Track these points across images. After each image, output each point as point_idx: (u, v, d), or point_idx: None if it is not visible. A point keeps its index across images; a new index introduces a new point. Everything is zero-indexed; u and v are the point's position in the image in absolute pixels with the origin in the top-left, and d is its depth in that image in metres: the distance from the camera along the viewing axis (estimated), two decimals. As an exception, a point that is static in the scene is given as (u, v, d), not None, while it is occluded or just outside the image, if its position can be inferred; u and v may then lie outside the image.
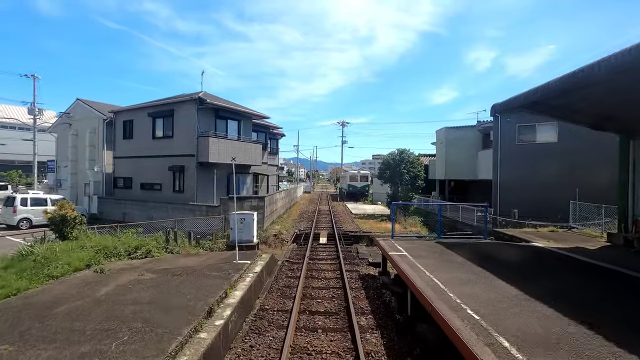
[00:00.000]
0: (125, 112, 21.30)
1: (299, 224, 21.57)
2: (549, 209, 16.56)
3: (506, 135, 18.71)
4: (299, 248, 14.20)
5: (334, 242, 15.30)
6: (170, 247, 9.99)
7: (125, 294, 5.87)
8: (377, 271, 10.71)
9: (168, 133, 19.13)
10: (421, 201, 27.76)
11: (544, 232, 12.87)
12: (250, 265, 8.47)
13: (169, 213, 17.79)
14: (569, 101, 8.01)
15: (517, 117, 18.43)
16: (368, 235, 17.45)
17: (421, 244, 9.68)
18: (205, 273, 7.39)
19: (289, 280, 9.46)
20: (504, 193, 18.57)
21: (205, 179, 18.37)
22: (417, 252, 8.46)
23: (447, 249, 8.81)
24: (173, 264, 8.16)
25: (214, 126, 18.84)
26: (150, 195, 19.66)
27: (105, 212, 21.28)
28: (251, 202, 16.96)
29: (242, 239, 12.15)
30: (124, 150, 21.46)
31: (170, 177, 18.98)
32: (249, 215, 12.25)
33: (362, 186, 42.84)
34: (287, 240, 16.36)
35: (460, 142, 25.77)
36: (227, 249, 11.90)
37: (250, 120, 21.76)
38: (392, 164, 25.49)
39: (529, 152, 18.15)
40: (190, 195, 17.98)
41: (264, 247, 13.51)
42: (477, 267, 6.99)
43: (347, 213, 28.07)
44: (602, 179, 15.63)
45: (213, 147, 17.68)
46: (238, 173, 20.52)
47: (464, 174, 25.66)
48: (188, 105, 18.17)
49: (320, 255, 12.93)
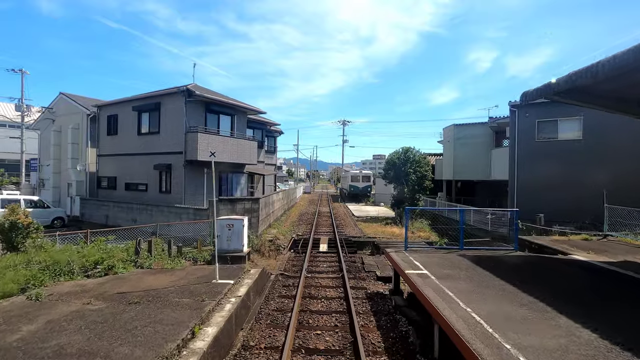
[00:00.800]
0: (110, 107, 19.69)
1: (297, 227, 19.96)
2: (574, 212, 14.93)
3: (524, 132, 17.06)
4: (297, 257, 12.58)
5: (335, 250, 13.68)
6: (140, 260, 8.36)
7: (49, 339, 4.24)
8: (387, 288, 9.10)
9: (154, 129, 17.51)
10: (427, 203, 26.12)
11: (576, 240, 11.23)
12: (234, 286, 6.84)
13: (154, 216, 16.20)
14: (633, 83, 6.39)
15: (537, 112, 16.80)
16: (373, 242, 15.85)
17: (441, 257, 8.06)
18: (173, 300, 5.76)
19: (282, 302, 7.83)
20: (522, 195, 16.92)
21: (195, 179, 16.76)
22: (440, 269, 6.84)
23: (476, 265, 7.19)
24: (136, 286, 6.53)
25: (204, 121, 17.22)
26: (135, 197, 18.05)
27: (88, 215, 19.68)
28: (244, 204, 15.33)
29: (230, 248, 10.54)
30: (108, 148, 19.85)
31: (156, 177, 17.37)
32: (238, 220, 10.63)
33: (364, 187, 41.19)
34: (283, 247, 14.76)
35: (470, 140, 24.12)
36: (212, 260, 10.29)
37: (245, 115, 20.13)
38: (397, 163, 23.86)
39: (550, 150, 16.50)
40: (178, 197, 16.37)
41: (256, 256, 11.89)
42: (524, 295, 5.36)
43: (349, 215, 26.45)
44: (637, 179, 14.02)
45: (203, 144, 16.05)
46: (231, 173, 18.92)
47: (473, 174, 24.01)
48: (175, 98, 16.55)
49: (320, 266, 11.30)
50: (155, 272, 7.75)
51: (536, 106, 16.86)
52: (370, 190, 42.35)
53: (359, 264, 11.63)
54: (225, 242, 10.56)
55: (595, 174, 15.02)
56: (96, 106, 20.27)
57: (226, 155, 17.41)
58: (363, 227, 20.08)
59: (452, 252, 8.56)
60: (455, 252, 8.61)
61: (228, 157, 17.55)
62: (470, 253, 8.50)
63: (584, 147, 15.68)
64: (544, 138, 16.77)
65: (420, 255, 8.13)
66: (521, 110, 17.10)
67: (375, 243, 15.62)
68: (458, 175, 24.89)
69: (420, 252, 8.82)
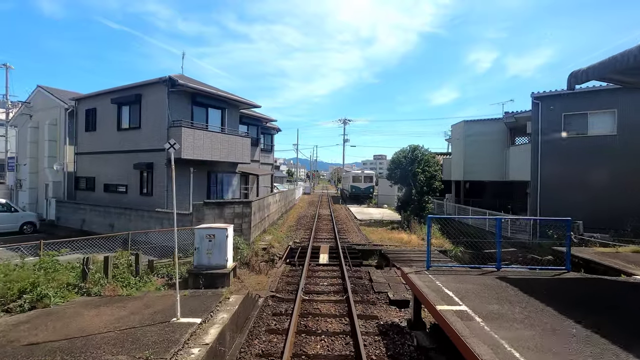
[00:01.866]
0: (88, 100, 17.86)
1: (295, 233, 18.14)
2: (609, 218, 13.08)
3: (548, 127, 15.21)
4: (292, 272, 10.73)
5: (337, 261, 11.87)
6: (87, 285, 6.51)
7: None
8: (403, 316, 7.27)
9: (135, 124, 15.68)
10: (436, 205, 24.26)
11: (627, 253, 9.41)
12: (201, 326, 5.00)
13: (132, 221, 14.40)
14: None
15: (563, 104, 14.97)
16: (380, 251, 14.02)
17: (477, 281, 6.21)
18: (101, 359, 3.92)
19: (269, 341, 5.99)
20: (547, 198, 15.08)
21: (180, 179, 14.90)
22: (483, 303, 5.01)
23: (528, 296, 5.35)
24: (63, 329, 4.70)
25: (191, 115, 15.39)
26: (114, 199, 16.22)
27: (64, 219, 17.86)
28: (234, 208, 13.50)
29: (211, 263, 8.73)
30: (87, 145, 18.03)
31: (137, 178, 15.53)
32: (220, 230, 8.80)
33: (366, 187, 39.32)
34: (279, 256, 12.96)
35: (482, 138, 22.24)
36: (190, 278, 8.47)
37: (237, 109, 18.31)
38: (404, 162, 22.01)
39: (579, 147, 14.66)
40: (160, 200, 14.53)
41: (244, 272, 10.04)
42: (622, 352, 3.54)
43: (351, 219, 24.62)
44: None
45: (188, 140, 14.23)
46: (221, 173, 17.10)
47: (486, 174, 22.16)
48: (157, 88, 14.71)
49: (320, 284, 9.45)
50: (102, 302, 5.90)
51: (562, 98, 15.05)
52: (373, 191, 40.49)
53: (366, 280, 9.79)
54: (205, 256, 8.75)
55: (634, 173, 13.20)
56: (74, 99, 18.45)
57: (215, 153, 15.59)
58: (367, 233, 18.24)
59: (487, 274, 6.71)
60: (491, 273, 6.77)
61: (217, 155, 15.73)
62: (512, 274, 6.66)
63: (619, 143, 13.85)
64: (572, 133, 14.92)
65: (449, 278, 6.29)
66: (545, 102, 15.26)
67: (382, 252, 13.80)
68: (469, 176, 23.03)
69: (446, 271, 6.97)
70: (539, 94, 15.27)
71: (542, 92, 15.24)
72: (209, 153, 15.31)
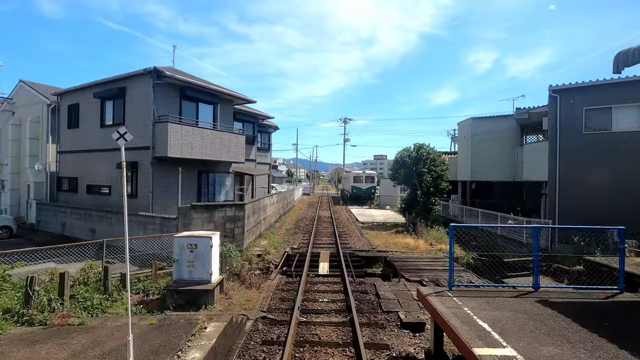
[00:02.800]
0: (71, 94, 16.63)
1: (293, 237, 16.92)
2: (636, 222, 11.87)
3: (568, 123, 13.99)
4: (288, 285, 9.48)
5: (339, 271, 10.66)
6: (31, 311, 5.28)
7: None
8: (418, 344, 6.05)
9: (119, 119, 14.45)
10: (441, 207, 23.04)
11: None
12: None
13: (114, 226, 13.20)
14: None
15: (584, 98, 13.75)
16: (385, 258, 12.82)
17: (514, 306, 4.98)
18: None
19: (255, 384, 4.78)
20: (566, 200, 13.86)
21: (166, 180, 13.71)
22: (533, 341, 3.80)
23: (588, 332, 4.12)
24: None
25: (179, 110, 14.18)
26: (98, 202, 15.00)
27: (44, 222, 16.65)
28: (225, 211, 12.28)
29: (193, 277, 7.51)
30: (69, 144, 16.80)
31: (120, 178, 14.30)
32: (203, 239, 7.58)
33: (367, 188, 38.06)
34: (274, 264, 11.77)
35: (491, 136, 21.01)
36: (168, 296, 7.25)
37: (231, 104, 17.08)
38: (408, 161, 20.78)
39: (602, 145, 13.44)
40: (145, 202, 13.32)
41: (233, 285, 8.81)
42: None
43: (352, 221, 23.40)
44: None
45: (175, 137, 13.02)
46: (214, 172, 15.89)
47: (495, 174, 20.94)
48: (142, 81, 13.49)
49: (319, 300, 8.22)
50: (43, 336, 4.67)
51: (583, 90, 13.85)
52: (374, 192, 39.25)
53: (372, 295, 8.57)
54: (186, 270, 7.53)
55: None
56: (56, 94, 17.22)
57: (206, 152, 14.38)
58: (370, 237, 17.03)
59: (525, 295, 5.48)
60: (529, 294, 5.53)
61: (209, 154, 14.51)
62: (555, 296, 5.43)
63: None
64: (594, 130, 13.70)
65: (480, 303, 5.06)
66: (564, 95, 14.04)
67: (387, 259, 12.59)
68: (476, 176, 21.80)
69: (473, 292, 5.73)
70: (558, 86, 14.05)
71: (560, 85, 14.03)
72: (199, 151, 14.09)
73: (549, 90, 14.35)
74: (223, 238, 12.04)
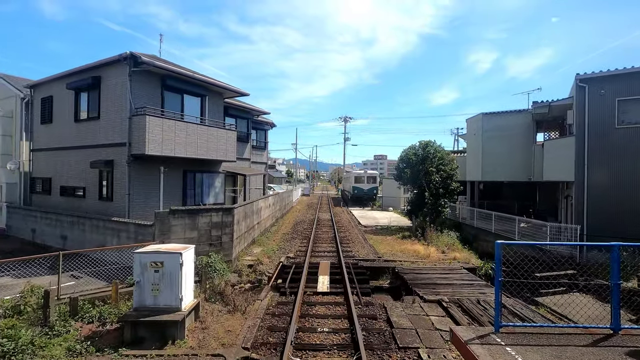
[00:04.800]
0: (44, 86, 15.05)
1: (289, 243, 15.37)
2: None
3: (597, 116, 12.47)
4: (280, 307, 7.89)
5: (341, 287, 9.09)
6: None
7: None
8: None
9: (94, 113, 12.91)
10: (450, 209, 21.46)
11: None
12: None
13: (87, 233, 11.68)
14: None
15: (616, 87, 12.24)
16: (393, 269, 11.26)
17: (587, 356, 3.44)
18: None
19: None
20: (595, 203, 12.32)
21: (145, 181, 12.16)
22: None
23: None
24: None
25: (161, 102, 12.63)
26: (72, 205, 13.44)
27: (15, 228, 15.10)
28: (210, 216, 10.72)
29: (158, 303, 5.96)
30: (43, 140, 15.24)
31: (95, 179, 12.76)
32: (171, 255, 6.01)
33: (369, 189, 36.48)
34: (266, 276, 10.26)
35: (503, 133, 19.49)
36: (127, 329, 5.71)
37: (221, 97, 15.52)
38: (414, 160, 19.20)
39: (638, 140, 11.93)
40: (122, 206, 11.75)
41: (213, 309, 7.23)
42: None
43: (354, 224, 21.84)
44: None
45: (154, 132, 11.46)
46: (201, 172, 14.34)
47: (509, 173, 19.41)
48: (119, 69, 11.94)
49: (318, 329, 6.64)
50: None
51: (615, 80, 12.32)
52: (377, 193, 37.68)
53: (382, 322, 7.00)
54: (149, 294, 5.96)
55: None
56: (29, 86, 15.66)
57: (191, 149, 12.82)
58: (374, 243, 15.48)
59: (603, 342, 3.92)
60: (607, 338, 3.98)
61: (195, 151, 12.96)
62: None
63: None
64: (628, 123, 12.17)
65: (545, 357, 3.51)
66: (593, 85, 12.50)
67: (396, 271, 11.03)
68: (488, 176, 20.24)
69: (528, 335, 4.16)
70: (586, 75, 12.53)
71: (590, 73, 12.49)
72: (184, 148, 12.54)
73: (575, 80, 12.83)
74: (208, 247, 10.50)
